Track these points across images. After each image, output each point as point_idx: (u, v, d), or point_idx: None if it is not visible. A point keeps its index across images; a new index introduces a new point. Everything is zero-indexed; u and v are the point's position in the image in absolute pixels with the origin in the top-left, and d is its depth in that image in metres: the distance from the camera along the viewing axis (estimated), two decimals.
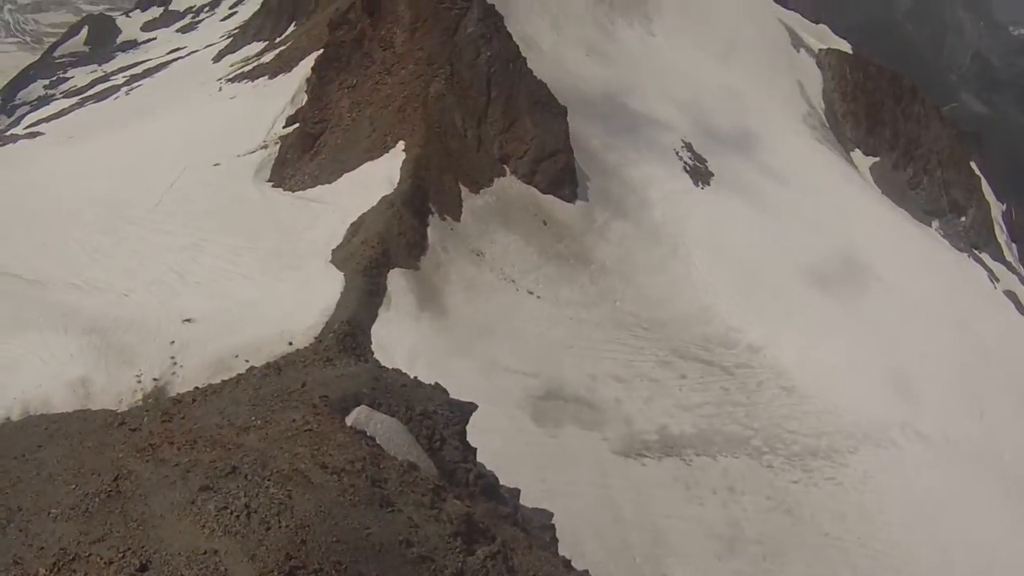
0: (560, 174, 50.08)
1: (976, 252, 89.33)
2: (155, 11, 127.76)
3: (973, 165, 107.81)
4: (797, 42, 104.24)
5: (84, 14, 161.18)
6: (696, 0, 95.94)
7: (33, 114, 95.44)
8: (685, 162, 67.08)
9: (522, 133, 48.33)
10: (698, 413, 41.05)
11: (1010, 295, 78.31)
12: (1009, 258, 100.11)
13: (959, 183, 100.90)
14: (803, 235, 63.85)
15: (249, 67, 71.37)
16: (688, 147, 69.23)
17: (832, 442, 44.03)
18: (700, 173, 66.86)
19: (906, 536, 40.36)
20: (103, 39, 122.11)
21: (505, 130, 47.95)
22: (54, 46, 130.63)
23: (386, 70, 47.81)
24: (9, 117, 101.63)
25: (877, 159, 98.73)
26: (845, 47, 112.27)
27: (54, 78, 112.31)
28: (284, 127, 51.97)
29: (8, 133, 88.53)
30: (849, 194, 78.77)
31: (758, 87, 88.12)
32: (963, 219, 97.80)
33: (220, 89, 69.59)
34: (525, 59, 50.62)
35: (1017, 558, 42.97)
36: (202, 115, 63.33)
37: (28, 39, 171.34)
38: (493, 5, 51.78)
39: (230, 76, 72.04)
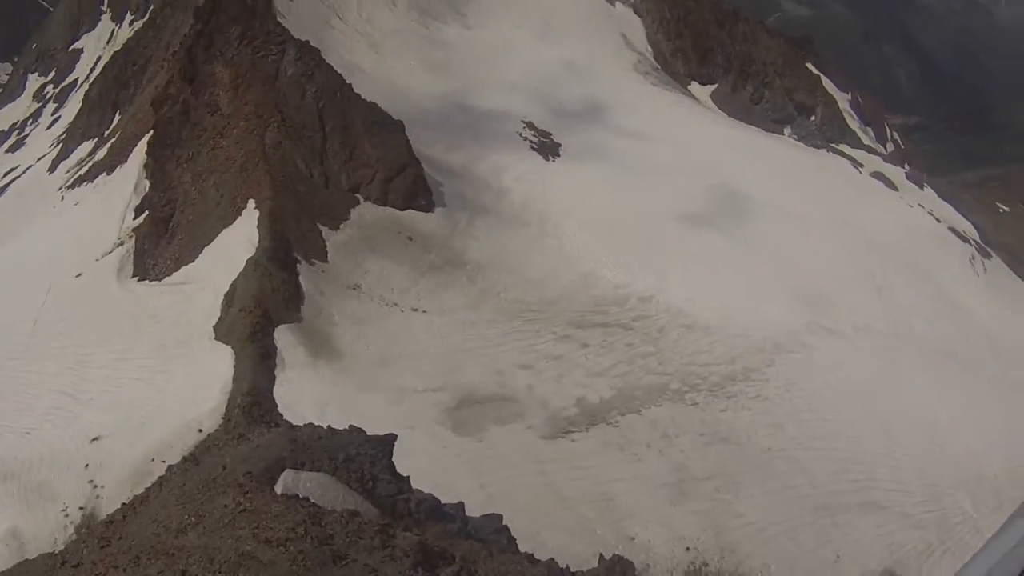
0: (412, 188, 50.31)
1: (834, 146, 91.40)
2: None
3: (810, 66, 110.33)
4: None
5: None
6: None
7: None
8: (530, 141, 67.82)
9: (365, 158, 48.40)
10: (611, 375, 41.56)
11: (878, 176, 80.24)
12: (867, 142, 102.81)
13: (800, 87, 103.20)
14: (666, 180, 64.55)
15: (85, 169, 69.90)
16: (529, 126, 70.03)
17: (747, 363, 44.93)
18: (548, 147, 67.60)
19: (844, 427, 41.46)
20: None
21: (348, 160, 47.99)
22: None
23: (219, 133, 47.49)
24: None
25: (716, 86, 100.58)
26: None
27: None
28: (134, 218, 51.00)
29: None
30: (699, 127, 79.92)
31: (584, 51, 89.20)
32: (813, 119, 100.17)
33: (62, 199, 68.00)
34: (351, 85, 50.68)
35: (955, 412, 44.49)
36: (52, 230, 62.05)
37: None
38: (307, 41, 51.90)
39: (69, 183, 70.45)
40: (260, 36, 50.52)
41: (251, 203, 42.62)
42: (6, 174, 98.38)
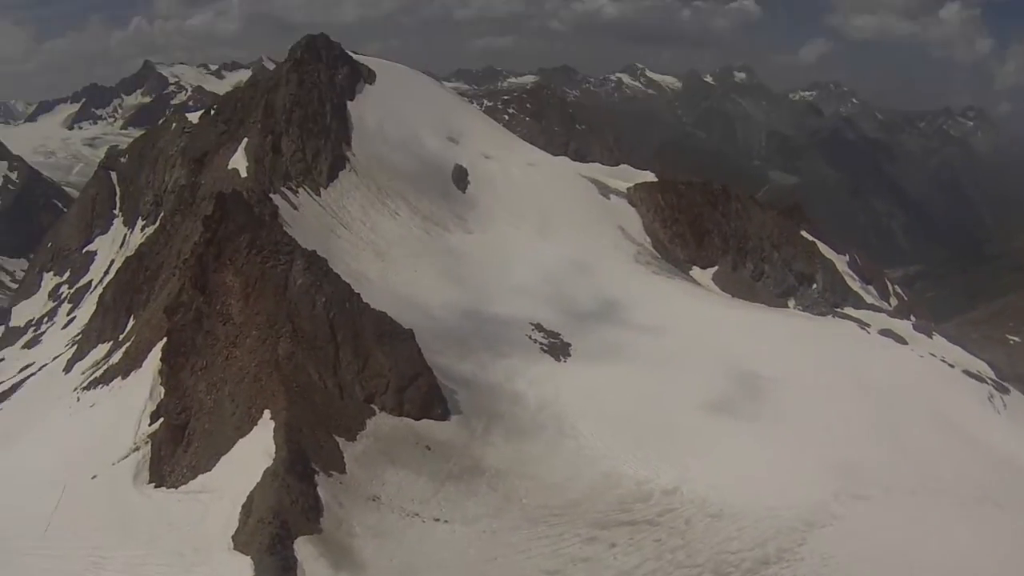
0: (427, 397, 51.41)
1: (838, 310, 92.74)
2: None
3: (805, 233, 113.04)
4: (605, 190, 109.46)
5: None
6: (498, 185, 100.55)
7: None
8: (540, 343, 69.53)
9: (378, 368, 49.54)
10: (640, 572, 41.92)
11: (886, 333, 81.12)
12: (871, 300, 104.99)
13: (798, 256, 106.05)
14: (678, 369, 66.19)
15: (100, 371, 71.33)
16: (538, 327, 72.01)
17: (779, 544, 45.42)
18: (558, 348, 69.34)
19: None
20: None
21: (361, 370, 49.16)
22: None
23: (232, 343, 48.79)
24: None
25: (716, 267, 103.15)
26: (650, 177, 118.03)
27: None
28: (150, 424, 52.14)
29: None
30: (704, 313, 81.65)
31: (584, 246, 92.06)
32: (814, 286, 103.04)
33: (78, 399, 69.06)
34: (359, 295, 52.20)
35: (999, 556, 44.98)
36: (67, 430, 62.86)
37: None
38: (315, 251, 53.54)
39: (84, 384, 71.70)
40: (268, 246, 51.98)
41: (267, 413, 43.70)
42: (21, 370, 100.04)
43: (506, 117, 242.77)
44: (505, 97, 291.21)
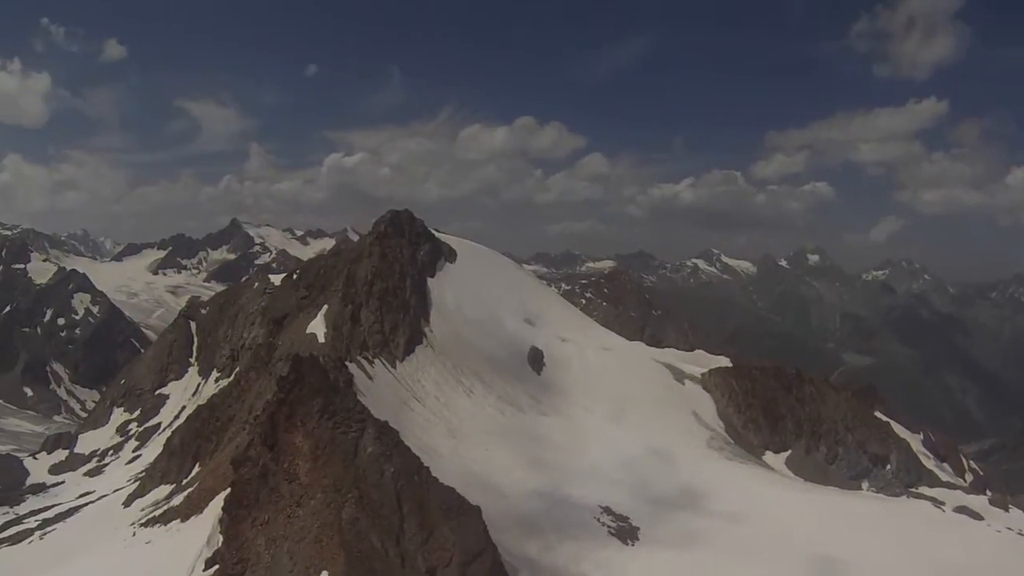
0: (490, 574, 51.12)
1: (913, 490, 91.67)
2: (61, 453, 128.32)
3: (878, 414, 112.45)
4: (679, 375, 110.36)
5: None
6: (573, 368, 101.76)
7: None
8: (608, 526, 69.16)
9: (442, 541, 49.74)
10: None
11: (961, 510, 79.74)
12: (946, 478, 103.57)
13: (872, 437, 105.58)
14: (751, 556, 65.43)
15: (160, 511, 72.35)
16: (606, 510, 71.70)
17: None
18: (626, 532, 68.90)
19: None
20: (11, 479, 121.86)
21: (425, 542, 49.42)
22: None
23: (295, 502, 49.51)
24: None
25: (789, 452, 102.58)
26: (724, 362, 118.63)
27: None
28: (204, 570, 52.69)
29: None
30: (777, 499, 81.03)
31: (656, 432, 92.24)
32: (888, 467, 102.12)
33: (134, 534, 69.93)
34: (428, 468, 52.98)
35: None
36: (121, 562, 63.64)
37: None
38: (387, 422, 54.66)
39: (142, 521, 72.71)
40: (341, 412, 53.06)
41: (324, 575, 44.29)
42: (80, 496, 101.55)
43: (583, 301, 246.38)
44: (583, 281, 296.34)
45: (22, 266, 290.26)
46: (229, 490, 53.39)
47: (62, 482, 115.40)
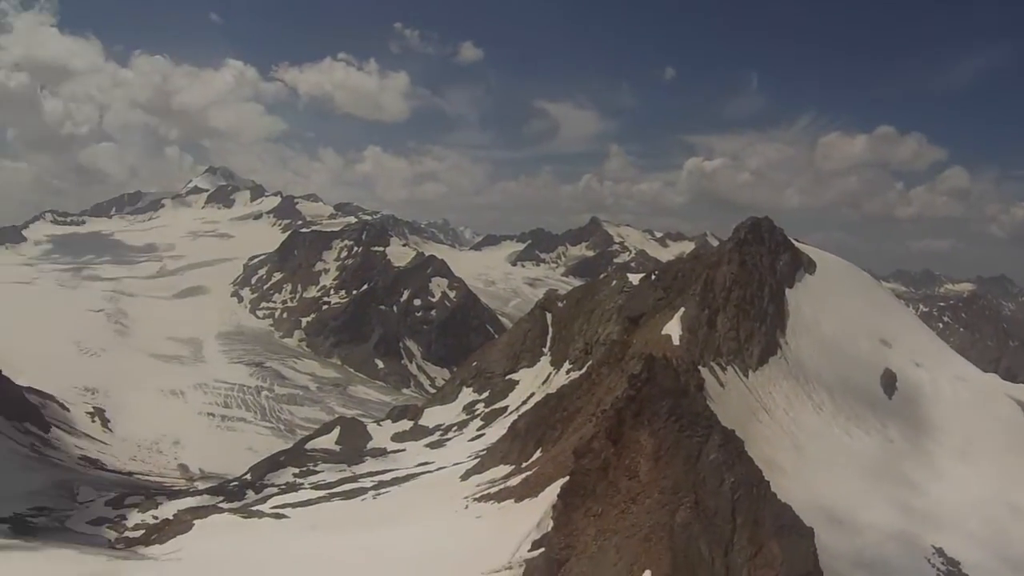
0: None
1: None
2: (406, 424, 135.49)
3: None
4: None
5: (337, 415, 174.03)
6: (924, 397, 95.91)
7: (280, 497, 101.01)
8: (938, 568, 65.90)
9: (770, 559, 47.89)
10: None
11: None
12: None
13: None
14: None
15: (495, 489, 74.07)
16: (939, 552, 68.04)
17: None
18: None
19: None
20: (353, 441, 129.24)
21: (752, 557, 47.71)
22: (306, 439, 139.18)
23: (631, 498, 49.02)
24: (257, 494, 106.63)
25: None
26: None
27: (304, 468, 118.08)
28: (529, 551, 53.39)
29: (254, 508, 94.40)
30: None
31: (1006, 474, 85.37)
32: None
33: (466, 507, 72.18)
34: (768, 483, 51.14)
35: None
36: (445, 530, 65.84)
37: (282, 427, 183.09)
38: (733, 430, 53.11)
39: (476, 495, 74.80)
40: (688, 415, 52.06)
41: (647, 574, 43.49)
42: (419, 464, 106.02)
43: (940, 325, 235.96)
44: (941, 304, 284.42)
45: (381, 249, 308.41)
46: (568, 478, 53.85)
47: (403, 450, 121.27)
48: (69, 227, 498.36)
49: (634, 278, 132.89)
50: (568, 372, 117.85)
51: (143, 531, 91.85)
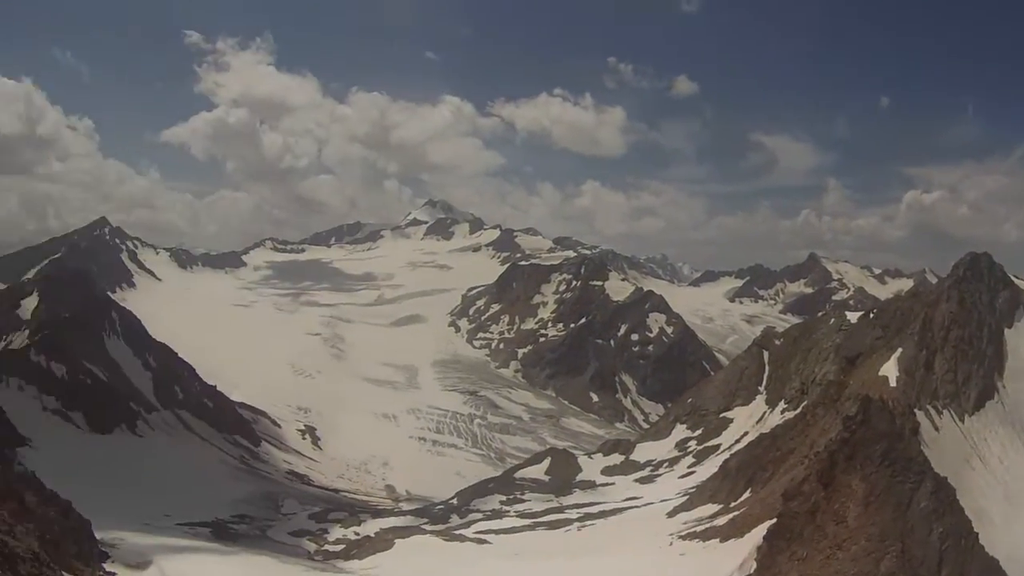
0: None
1: None
2: (617, 457, 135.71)
3: None
4: None
5: (548, 446, 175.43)
6: None
7: (484, 523, 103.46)
8: None
9: None
10: None
11: None
12: None
13: None
14: None
15: (702, 527, 74.03)
16: None
17: None
18: None
19: None
20: (563, 473, 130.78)
21: None
22: (516, 468, 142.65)
23: (837, 544, 48.56)
24: (461, 518, 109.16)
25: None
26: None
27: (511, 496, 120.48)
28: None
29: (457, 531, 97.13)
30: None
31: None
32: None
33: (671, 544, 72.34)
34: (977, 534, 49.84)
35: None
36: (648, 565, 66.41)
37: (492, 455, 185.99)
38: (946, 478, 51.94)
39: (682, 533, 74.91)
40: (901, 460, 51.23)
41: None
42: (627, 499, 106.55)
43: None
44: None
45: (600, 283, 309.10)
46: (775, 520, 53.66)
47: (612, 484, 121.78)
48: (288, 254, 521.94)
49: (852, 316, 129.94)
50: (783, 412, 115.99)
51: (343, 546, 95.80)
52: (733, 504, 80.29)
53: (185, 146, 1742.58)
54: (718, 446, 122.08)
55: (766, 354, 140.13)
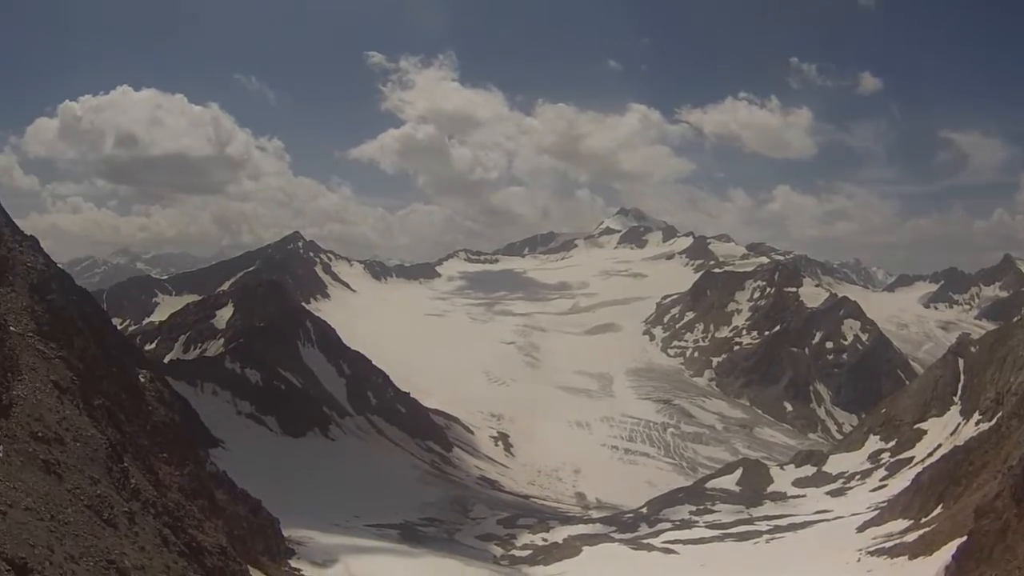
0: None
1: None
2: (809, 469, 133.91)
3: None
4: None
5: (741, 456, 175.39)
6: None
7: (672, 533, 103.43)
8: None
9: None
10: None
11: None
12: None
13: None
14: None
15: (890, 544, 72.17)
16: None
17: None
18: None
19: None
20: (754, 484, 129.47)
21: None
22: (707, 478, 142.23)
23: (1018, 566, 46.63)
24: (650, 527, 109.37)
25: None
26: None
27: (701, 507, 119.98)
28: None
29: (645, 540, 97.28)
30: None
31: None
32: None
33: (858, 560, 70.85)
34: None
35: None
36: None
37: (684, 464, 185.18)
38: None
39: (870, 549, 73.20)
40: None
41: None
42: (817, 512, 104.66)
43: None
44: None
45: (794, 289, 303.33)
46: (965, 538, 51.75)
47: (803, 496, 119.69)
48: (482, 265, 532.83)
49: None
50: (977, 423, 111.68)
51: (530, 551, 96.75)
52: (924, 520, 77.82)
53: (375, 162, 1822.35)
54: (911, 459, 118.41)
55: (961, 362, 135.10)
